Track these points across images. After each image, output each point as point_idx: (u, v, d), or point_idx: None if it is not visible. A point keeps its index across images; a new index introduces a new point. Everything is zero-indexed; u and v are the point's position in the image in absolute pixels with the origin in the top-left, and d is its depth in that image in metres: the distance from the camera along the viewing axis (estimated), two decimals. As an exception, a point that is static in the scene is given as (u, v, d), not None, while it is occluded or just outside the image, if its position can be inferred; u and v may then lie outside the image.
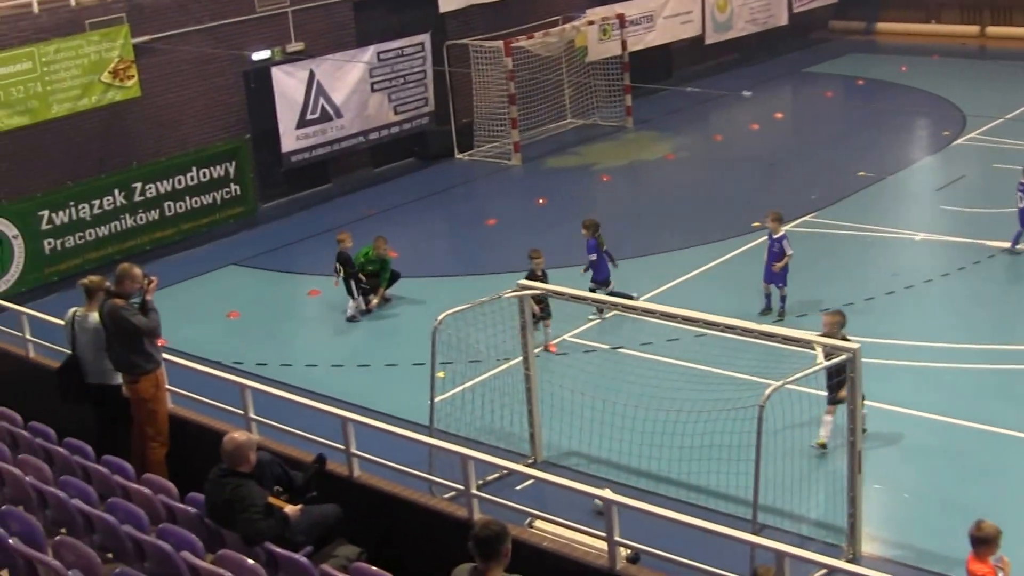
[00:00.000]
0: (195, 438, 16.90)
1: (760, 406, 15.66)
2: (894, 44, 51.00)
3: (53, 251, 29.71)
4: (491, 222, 32.83)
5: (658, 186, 35.82)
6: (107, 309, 16.64)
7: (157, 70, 32.41)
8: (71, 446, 15.87)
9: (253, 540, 13.00)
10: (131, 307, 16.61)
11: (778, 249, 24.67)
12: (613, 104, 42.08)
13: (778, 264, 24.54)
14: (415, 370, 23.10)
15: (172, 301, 26.90)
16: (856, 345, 16.48)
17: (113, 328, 16.63)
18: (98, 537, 13.39)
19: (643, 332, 22.66)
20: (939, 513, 17.98)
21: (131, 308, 16.57)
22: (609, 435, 19.41)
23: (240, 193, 33.48)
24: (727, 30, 48.41)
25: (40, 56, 29.74)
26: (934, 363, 22.35)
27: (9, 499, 14.44)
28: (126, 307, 16.52)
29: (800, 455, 18.78)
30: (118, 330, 16.57)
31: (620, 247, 26.78)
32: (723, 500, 17.93)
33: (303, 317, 28.37)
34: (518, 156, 38.16)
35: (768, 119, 40.92)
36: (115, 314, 16.51)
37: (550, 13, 41.82)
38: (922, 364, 22.19)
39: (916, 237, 28.84)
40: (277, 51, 35.01)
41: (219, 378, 17.54)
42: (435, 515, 14.56)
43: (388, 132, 37.86)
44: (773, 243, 24.81)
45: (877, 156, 35.40)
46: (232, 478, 13.44)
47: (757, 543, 13.02)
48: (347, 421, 15.20)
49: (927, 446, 19.82)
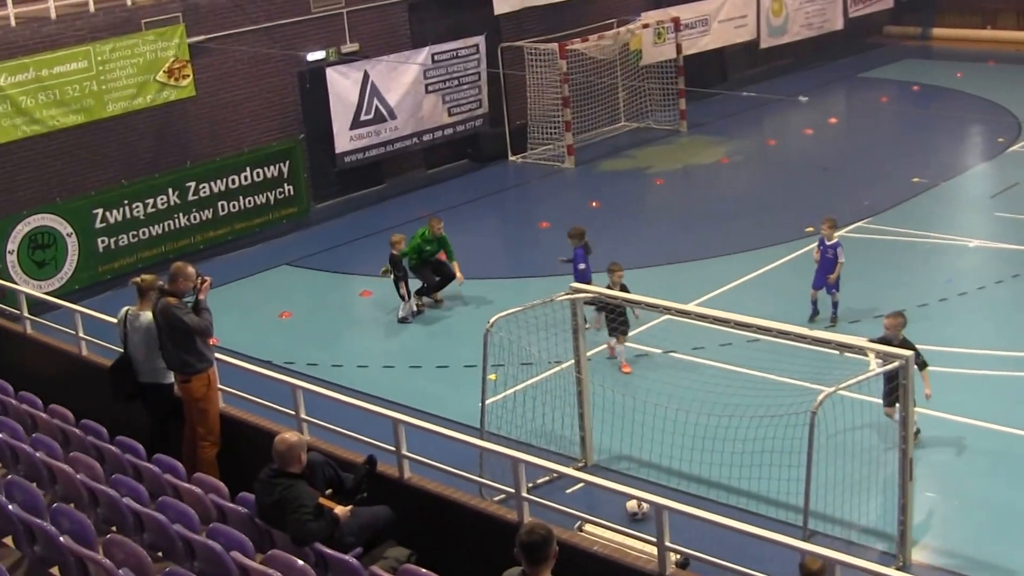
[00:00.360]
0: (246, 438, 16.93)
1: (812, 412, 15.59)
2: (950, 50, 50.66)
3: (107, 249, 29.88)
4: (544, 225, 32.79)
5: (711, 190, 35.69)
6: (160, 307, 16.68)
7: (212, 70, 32.55)
8: (123, 444, 15.91)
9: (303, 541, 13.00)
10: (184, 306, 16.64)
11: (832, 256, 24.41)
12: (667, 108, 41.99)
13: (832, 276, 24.28)
14: (467, 372, 23.10)
15: (224, 300, 27.01)
16: (909, 353, 16.38)
17: (166, 327, 16.67)
18: (148, 536, 13.42)
19: (695, 336, 22.57)
20: (991, 521, 17.86)
21: (184, 307, 16.60)
22: (660, 439, 19.36)
23: (293, 193, 33.57)
24: (782, 34, 48.21)
25: (96, 55, 29.91)
26: (987, 370, 22.19)
27: (61, 497, 14.50)
28: (179, 306, 16.55)
29: (851, 461, 18.65)
30: (170, 329, 16.60)
31: (673, 250, 26.75)
32: (773, 506, 17.86)
33: (355, 318, 28.40)
34: (571, 159, 38.13)
35: (822, 124, 40.76)
36: (168, 313, 16.55)
37: (605, 16, 41.78)
38: (975, 371, 22.03)
39: (970, 244, 28.66)
40: (332, 52, 35.09)
41: (270, 378, 17.55)
42: (485, 518, 14.53)
43: (442, 134, 37.88)
44: (827, 249, 24.53)
45: (931, 162, 35.18)
46: (283, 479, 13.45)
47: (807, 549, 12.94)
48: (398, 422, 15.18)
49: (980, 454, 19.68)
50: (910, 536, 16.68)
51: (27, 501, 13.52)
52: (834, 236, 24.64)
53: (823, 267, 24.51)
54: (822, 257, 24.57)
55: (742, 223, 31.27)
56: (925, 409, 18.96)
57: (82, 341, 19.88)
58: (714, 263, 28.51)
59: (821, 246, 24.69)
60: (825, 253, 24.53)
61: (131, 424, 17.16)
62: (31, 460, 15.16)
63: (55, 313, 22.08)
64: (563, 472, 15.44)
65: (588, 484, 16.27)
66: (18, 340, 21.38)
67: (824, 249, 24.57)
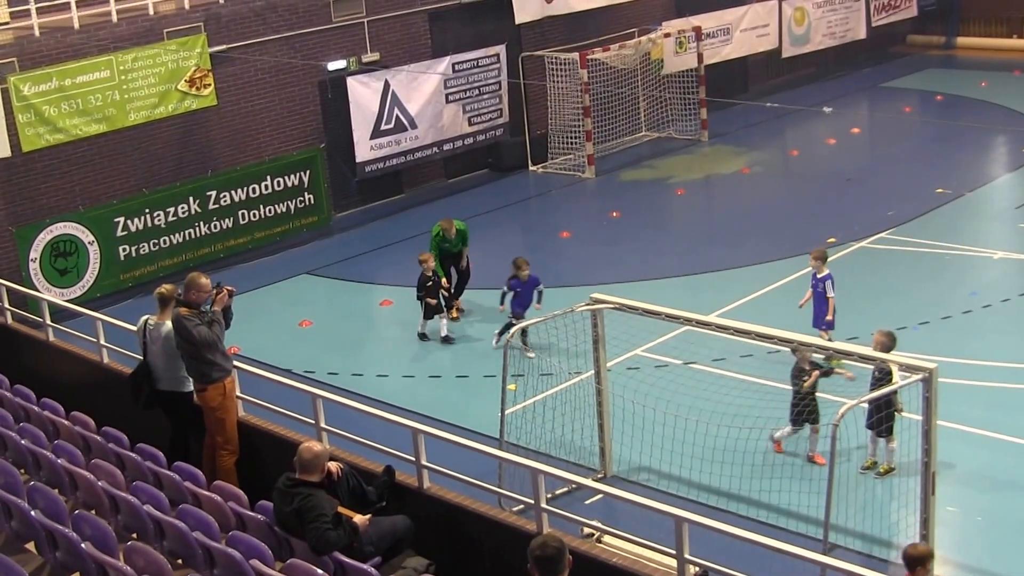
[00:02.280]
0: (266, 446, 16.94)
1: (834, 424, 15.54)
2: (974, 59, 50.53)
3: (128, 257, 29.97)
4: (565, 235, 32.77)
5: (733, 200, 35.66)
6: (174, 318, 16.73)
7: (233, 79, 32.62)
8: (143, 452, 15.95)
9: (322, 550, 13.00)
10: (195, 318, 16.62)
11: (821, 290, 23.05)
12: (688, 117, 41.97)
13: (829, 316, 22.89)
14: (486, 382, 23.10)
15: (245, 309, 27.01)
16: (934, 365, 16.28)
17: (177, 338, 16.74)
18: (168, 543, 13.44)
19: (716, 348, 22.52)
20: (1013, 537, 17.77)
21: (195, 319, 16.59)
22: (680, 451, 19.32)
23: (314, 202, 33.64)
24: (804, 43, 48.14)
25: (118, 64, 29.99)
26: (1011, 384, 22.10)
27: (82, 503, 14.56)
28: (190, 317, 16.56)
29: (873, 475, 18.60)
30: (181, 340, 16.68)
31: (694, 261, 26.68)
32: (794, 519, 17.79)
33: (375, 327, 28.43)
34: (592, 169, 38.12)
35: (845, 134, 40.66)
36: (179, 324, 16.61)
37: (626, 25, 41.74)
38: (999, 385, 21.94)
39: (995, 256, 28.57)
40: (353, 61, 35.12)
41: (290, 387, 17.55)
42: (504, 528, 14.50)
43: (462, 143, 37.88)
44: (816, 283, 23.14)
45: (955, 173, 35.08)
46: (302, 488, 13.46)
47: (827, 563, 12.89)
48: (417, 432, 15.16)
49: (1003, 468, 19.59)
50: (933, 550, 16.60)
51: (49, 507, 13.58)
52: (824, 269, 23.11)
53: (816, 303, 23.21)
54: (813, 292, 23.26)
55: (764, 234, 31.21)
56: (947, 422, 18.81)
57: (103, 349, 19.91)
58: (735, 274, 28.45)
59: (812, 280, 23.36)
60: (815, 287, 23.17)
61: (151, 431, 17.18)
62: (53, 467, 15.21)
63: (77, 321, 22.12)
64: (582, 483, 15.41)
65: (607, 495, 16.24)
66: (40, 347, 21.43)
67: (815, 284, 23.22)
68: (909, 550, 13.19)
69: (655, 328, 23.11)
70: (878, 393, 16.63)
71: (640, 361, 23.65)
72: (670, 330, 22.77)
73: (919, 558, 13.06)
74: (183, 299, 16.84)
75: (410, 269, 26.37)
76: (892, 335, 19.02)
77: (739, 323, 19.08)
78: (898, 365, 16.77)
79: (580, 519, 14.74)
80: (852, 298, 26.36)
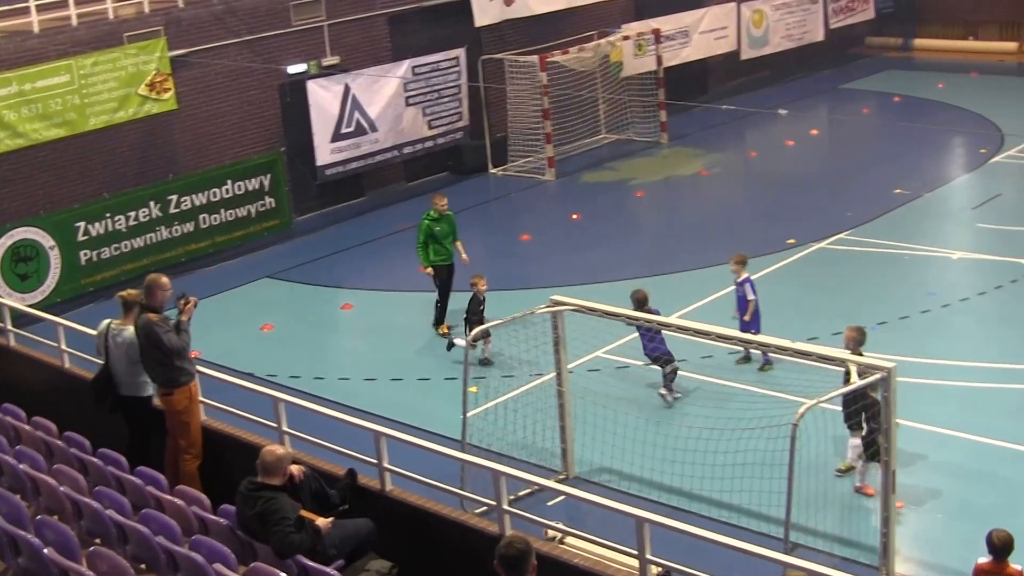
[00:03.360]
0: (228, 450, 16.94)
1: (794, 424, 15.62)
2: (932, 61, 50.83)
3: (89, 262, 29.87)
4: (525, 237, 32.84)
5: (693, 202, 35.80)
6: (141, 323, 16.65)
7: (194, 83, 32.57)
8: (105, 456, 15.91)
9: (285, 553, 13.00)
10: (165, 323, 16.59)
11: (742, 294, 23.34)
12: (648, 120, 42.07)
13: (746, 315, 23.14)
14: (448, 384, 23.12)
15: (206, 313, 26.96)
16: (892, 364, 16.38)
17: (146, 343, 16.66)
18: (131, 548, 13.42)
19: (677, 349, 22.57)
20: (973, 534, 17.85)
21: (165, 325, 16.55)
22: (641, 452, 19.40)
23: (275, 206, 33.59)
24: (763, 46, 48.31)
25: (78, 69, 29.93)
26: (969, 382, 22.24)
27: (44, 509, 14.51)
28: (159, 323, 16.50)
29: (833, 474, 18.72)
30: (150, 346, 16.60)
31: (654, 262, 26.76)
32: (755, 518, 17.88)
33: (337, 330, 28.44)
34: (552, 171, 38.20)
35: (804, 136, 40.85)
36: (148, 329, 16.53)
37: (585, 28, 41.84)
38: (957, 383, 22.08)
39: (953, 256, 28.75)
40: (313, 65, 35.11)
41: (253, 391, 17.55)
42: (466, 530, 14.54)
43: (422, 146, 37.89)
44: (737, 288, 23.51)
45: (914, 174, 35.28)
46: (264, 491, 13.44)
47: (789, 562, 12.97)
48: (380, 435, 15.19)
49: (962, 466, 19.73)
50: (893, 548, 16.71)
51: (11, 513, 13.54)
52: (743, 273, 23.44)
53: (740, 309, 23.43)
54: (736, 296, 23.57)
55: (723, 235, 31.29)
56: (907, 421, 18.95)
57: (65, 354, 19.86)
58: (695, 275, 28.52)
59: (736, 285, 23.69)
60: (737, 292, 23.50)
61: (114, 436, 17.15)
62: (15, 472, 15.17)
63: (38, 326, 22.05)
64: (544, 485, 15.47)
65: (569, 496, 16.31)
66: (1, 353, 21.36)
67: (736, 288, 23.53)
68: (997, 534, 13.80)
69: (615, 330, 23.21)
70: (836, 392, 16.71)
71: (601, 363, 23.72)
72: (630, 332, 22.80)
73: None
74: (148, 304, 16.76)
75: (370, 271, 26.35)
76: (862, 329, 19.22)
77: (699, 324, 19.18)
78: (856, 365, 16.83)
79: (543, 521, 14.79)
80: (811, 299, 26.59)
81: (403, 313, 28.26)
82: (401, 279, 29.75)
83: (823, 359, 17.24)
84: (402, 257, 30.02)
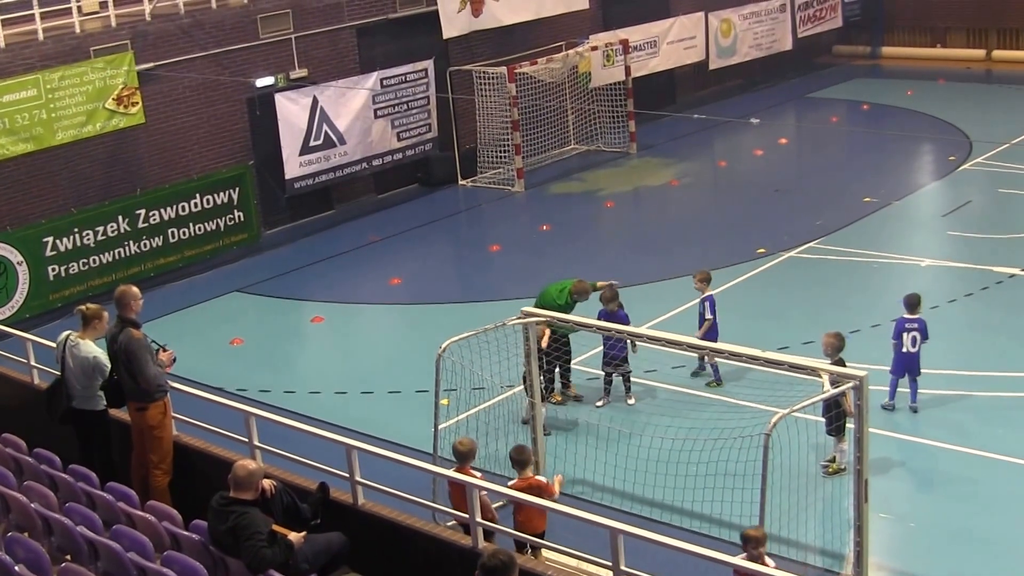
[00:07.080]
0: (199, 465, 16.87)
1: (766, 434, 15.59)
2: (900, 68, 51.08)
3: (57, 277, 29.70)
4: (495, 248, 32.81)
5: (662, 212, 35.81)
6: (124, 339, 16.50)
7: (161, 97, 32.45)
8: (76, 473, 15.85)
9: (258, 568, 12.95)
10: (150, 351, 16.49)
11: (702, 311, 23.19)
12: (617, 130, 42.11)
13: (698, 332, 22.61)
14: (419, 397, 23.06)
15: (175, 328, 26.95)
16: (864, 372, 16.37)
17: (125, 359, 16.52)
18: (103, 564, 13.37)
19: (648, 359, 22.55)
20: (945, 542, 17.92)
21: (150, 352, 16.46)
22: (615, 463, 19.36)
23: (243, 220, 33.44)
24: (731, 55, 48.42)
25: (45, 83, 29.78)
26: (939, 390, 22.25)
27: (15, 526, 14.45)
28: (145, 348, 16.41)
29: (806, 483, 18.71)
30: (130, 362, 16.47)
31: (624, 273, 26.73)
32: (729, 528, 17.84)
33: (306, 344, 28.34)
34: (521, 182, 38.17)
35: (773, 145, 40.95)
36: (130, 349, 16.39)
37: (553, 39, 41.85)
38: (927, 392, 22.06)
39: (922, 263, 28.79)
40: (281, 78, 35.03)
41: (223, 405, 17.47)
42: (438, 543, 14.51)
43: (391, 158, 37.81)
44: (700, 305, 23.39)
45: (883, 182, 35.36)
46: (236, 506, 13.39)
47: (763, 571, 12.95)
48: (351, 449, 15.15)
49: (933, 474, 19.78)
50: (866, 558, 16.70)
51: (-20, 531, 13.47)
52: (707, 290, 23.33)
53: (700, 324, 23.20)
54: (698, 312, 23.41)
55: (693, 245, 31.36)
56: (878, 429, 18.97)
57: (34, 370, 19.79)
58: (666, 285, 28.50)
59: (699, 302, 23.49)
60: (699, 308, 23.39)
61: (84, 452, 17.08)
62: (-17, 490, 15.09)
63: (6, 342, 21.95)
64: (517, 497, 15.43)
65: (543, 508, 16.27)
66: (-31, 370, 21.26)
67: (699, 305, 23.40)
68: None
69: (586, 340, 23.21)
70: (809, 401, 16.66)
71: (572, 374, 23.67)
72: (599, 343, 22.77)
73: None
74: (126, 316, 16.64)
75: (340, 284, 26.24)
76: (841, 336, 19.35)
77: (671, 335, 19.15)
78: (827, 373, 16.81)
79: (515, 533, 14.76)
80: (781, 308, 26.59)
81: (373, 326, 28.21)
82: (371, 292, 29.72)
83: (794, 368, 17.21)
84: (372, 270, 29.95)
